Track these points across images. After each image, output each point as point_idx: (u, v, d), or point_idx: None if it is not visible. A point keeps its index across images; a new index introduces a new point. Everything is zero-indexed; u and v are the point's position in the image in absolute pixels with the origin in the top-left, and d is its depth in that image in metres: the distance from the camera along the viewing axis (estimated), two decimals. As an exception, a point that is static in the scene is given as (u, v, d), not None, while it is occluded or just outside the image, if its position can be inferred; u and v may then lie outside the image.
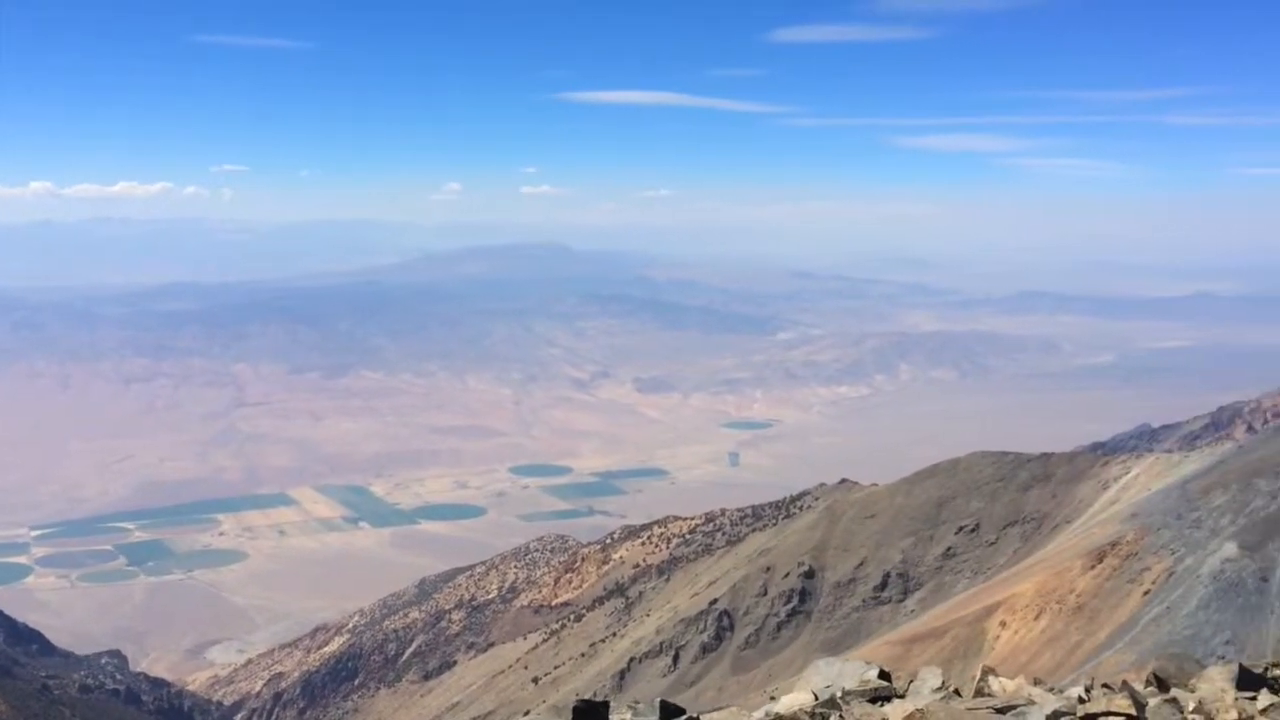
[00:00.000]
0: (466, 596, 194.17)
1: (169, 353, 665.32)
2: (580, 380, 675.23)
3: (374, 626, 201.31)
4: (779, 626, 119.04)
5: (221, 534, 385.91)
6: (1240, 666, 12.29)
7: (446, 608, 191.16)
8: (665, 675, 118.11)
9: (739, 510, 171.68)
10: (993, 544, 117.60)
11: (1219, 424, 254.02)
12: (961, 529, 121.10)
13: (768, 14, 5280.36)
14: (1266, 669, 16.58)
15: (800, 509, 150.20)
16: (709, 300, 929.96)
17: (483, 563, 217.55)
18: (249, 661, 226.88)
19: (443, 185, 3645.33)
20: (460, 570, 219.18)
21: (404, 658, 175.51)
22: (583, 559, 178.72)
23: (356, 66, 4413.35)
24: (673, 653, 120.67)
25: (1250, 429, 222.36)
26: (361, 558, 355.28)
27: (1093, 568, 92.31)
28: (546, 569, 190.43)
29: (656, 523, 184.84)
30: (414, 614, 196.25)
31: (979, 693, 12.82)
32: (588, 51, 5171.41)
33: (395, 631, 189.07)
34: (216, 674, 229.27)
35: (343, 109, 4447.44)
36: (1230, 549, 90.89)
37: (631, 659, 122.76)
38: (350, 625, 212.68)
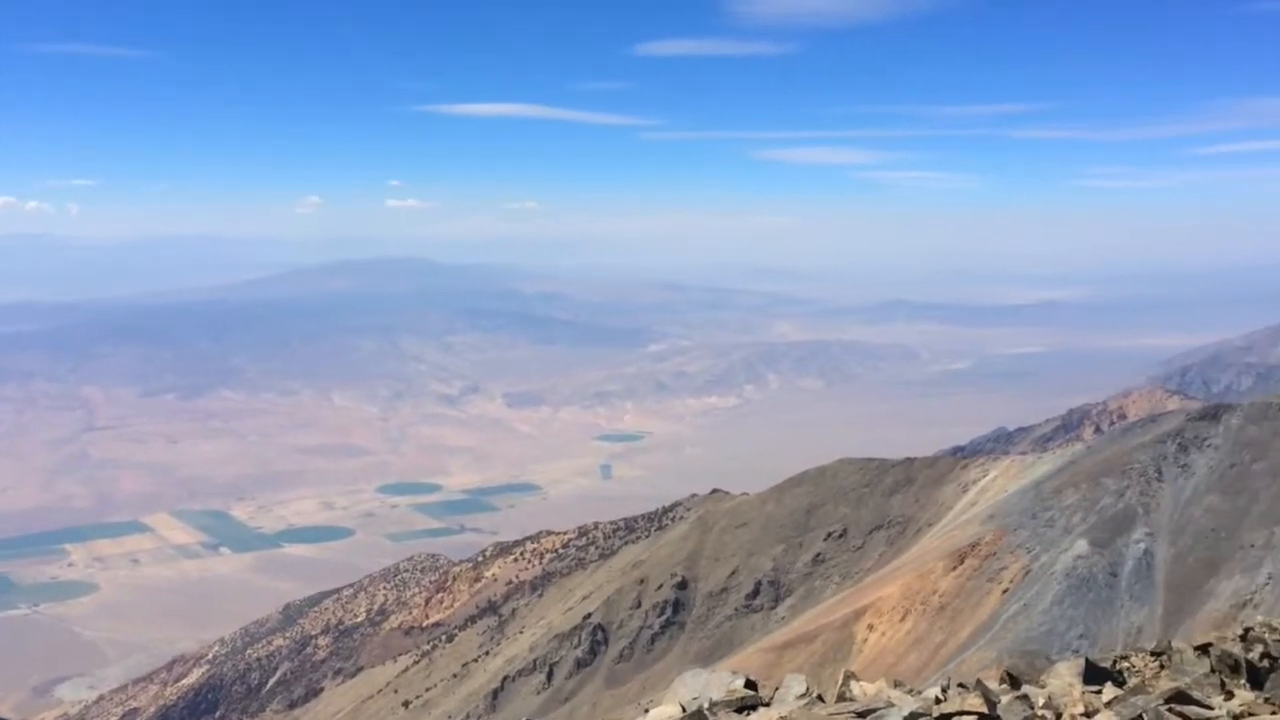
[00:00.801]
0: (333, 620, 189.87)
1: (10, 376, 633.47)
2: (449, 396, 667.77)
3: (235, 656, 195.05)
4: (653, 638, 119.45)
5: (70, 565, 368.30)
6: (1087, 661, 12.71)
7: (312, 633, 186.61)
8: (539, 693, 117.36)
9: (612, 523, 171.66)
10: (860, 549, 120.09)
11: (1069, 426, 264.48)
12: (830, 535, 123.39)
13: (631, 27, 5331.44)
14: (1115, 661, 17.22)
15: (672, 520, 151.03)
16: (578, 313, 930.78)
17: (350, 585, 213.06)
18: (100, 698, 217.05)
19: (303, 198, 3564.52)
20: (327, 594, 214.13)
21: (268, 687, 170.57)
22: (454, 578, 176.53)
23: (207, 76, 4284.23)
24: (547, 669, 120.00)
25: (1098, 430, 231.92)
26: (222, 585, 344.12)
27: (954, 569, 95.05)
28: (417, 589, 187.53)
29: (529, 538, 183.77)
30: (278, 641, 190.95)
31: (841, 698, 12.99)
32: (452, 64, 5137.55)
33: (258, 660, 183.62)
34: (66, 712, 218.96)
35: (194, 120, 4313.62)
36: (1082, 546, 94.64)
37: (505, 678, 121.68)
38: (210, 655, 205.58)
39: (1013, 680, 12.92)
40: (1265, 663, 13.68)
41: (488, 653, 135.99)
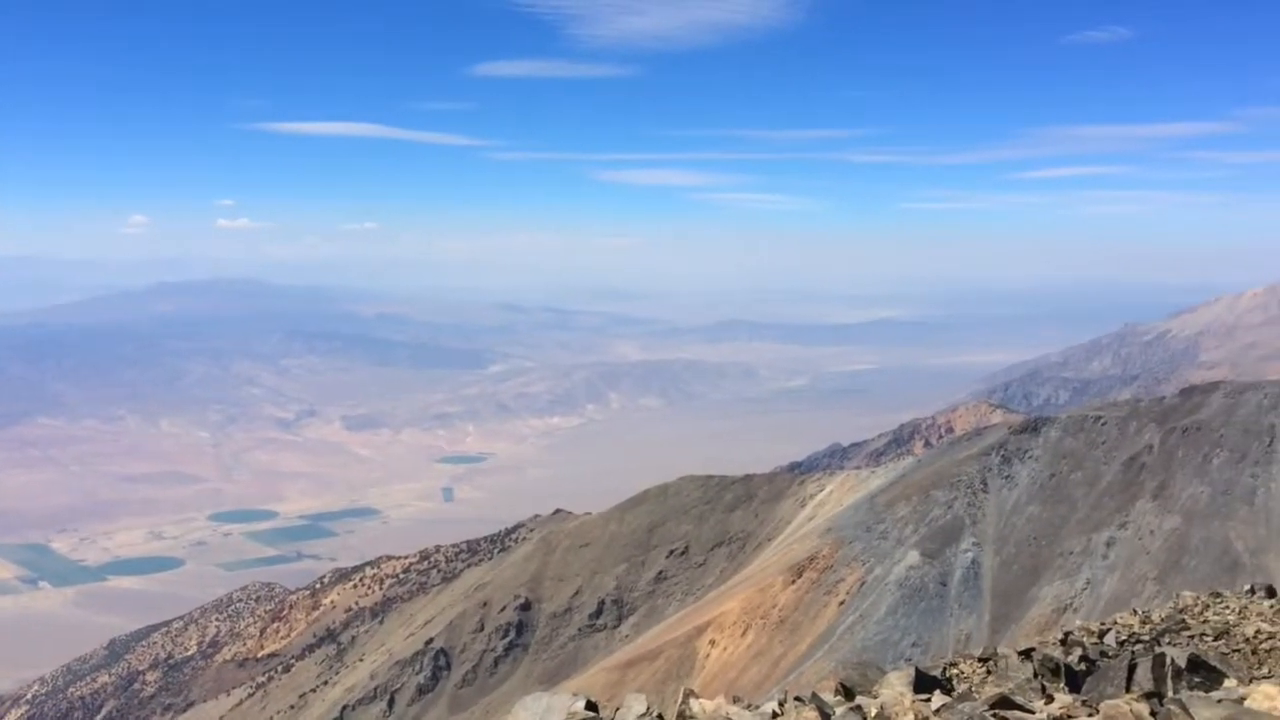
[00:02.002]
0: (162, 655, 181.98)
1: None
2: (285, 420, 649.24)
3: (57, 695, 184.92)
4: (496, 662, 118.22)
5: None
6: (916, 670, 13.02)
7: (140, 668, 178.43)
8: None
9: (454, 546, 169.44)
10: (702, 565, 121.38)
11: (901, 440, 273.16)
12: (672, 552, 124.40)
13: (472, 48, 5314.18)
14: (944, 669, 17.72)
15: (516, 541, 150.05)
16: (418, 335, 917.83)
17: (181, 617, 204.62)
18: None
19: (128, 218, 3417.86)
20: (155, 627, 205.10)
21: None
22: (291, 607, 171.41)
23: (22, 87, 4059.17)
24: (388, 697, 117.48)
25: (928, 444, 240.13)
26: (41, 621, 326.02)
27: (793, 582, 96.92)
28: (252, 619, 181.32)
29: (369, 564, 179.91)
30: (103, 678, 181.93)
31: (681, 716, 12.98)
32: (287, 81, 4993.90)
33: (81, 699, 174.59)
34: None
35: (8, 135, 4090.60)
36: (914, 556, 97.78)
37: (345, 707, 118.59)
38: (29, 695, 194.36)
39: (847, 691, 13.14)
40: (1083, 665, 14.27)
41: (326, 682, 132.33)
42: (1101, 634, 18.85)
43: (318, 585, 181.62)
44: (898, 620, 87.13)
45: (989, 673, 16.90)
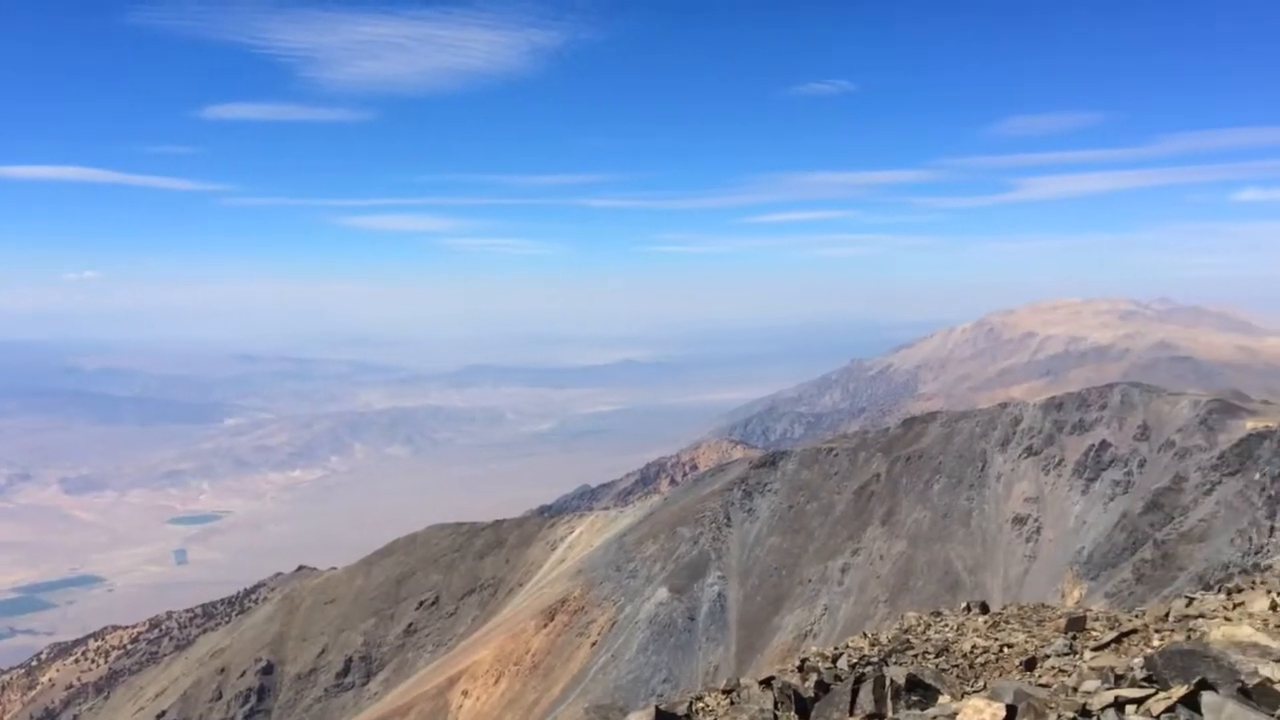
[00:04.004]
0: None
1: None
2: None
3: None
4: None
5: None
6: (657, 709, 13.19)
7: None
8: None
9: (188, 611, 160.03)
10: (453, 614, 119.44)
11: (647, 479, 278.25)
12: (422, 603, 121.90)
13: (199, 89, 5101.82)
14: (691, 703, 18.01)
15: (256, 602, 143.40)
16: (145, 389, 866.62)
17: None
18: None
19: None
20: None
21: None
22: (4, 687, 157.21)
23: None
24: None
25: (673, 482, 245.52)
26: None
27: (545, 626, 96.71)
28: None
29: (92, 636, 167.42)
30: None
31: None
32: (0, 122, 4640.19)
33: None
34: None
35: None
36: (662, 593, 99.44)
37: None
38: None
39: (593, 735, 13.18)
40: (814, 692, 14.82)
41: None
42: (835, 658, 19.64)
43: (34, 662, 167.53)
44: (649, 657, 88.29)
45: (732, 704, 17.27)
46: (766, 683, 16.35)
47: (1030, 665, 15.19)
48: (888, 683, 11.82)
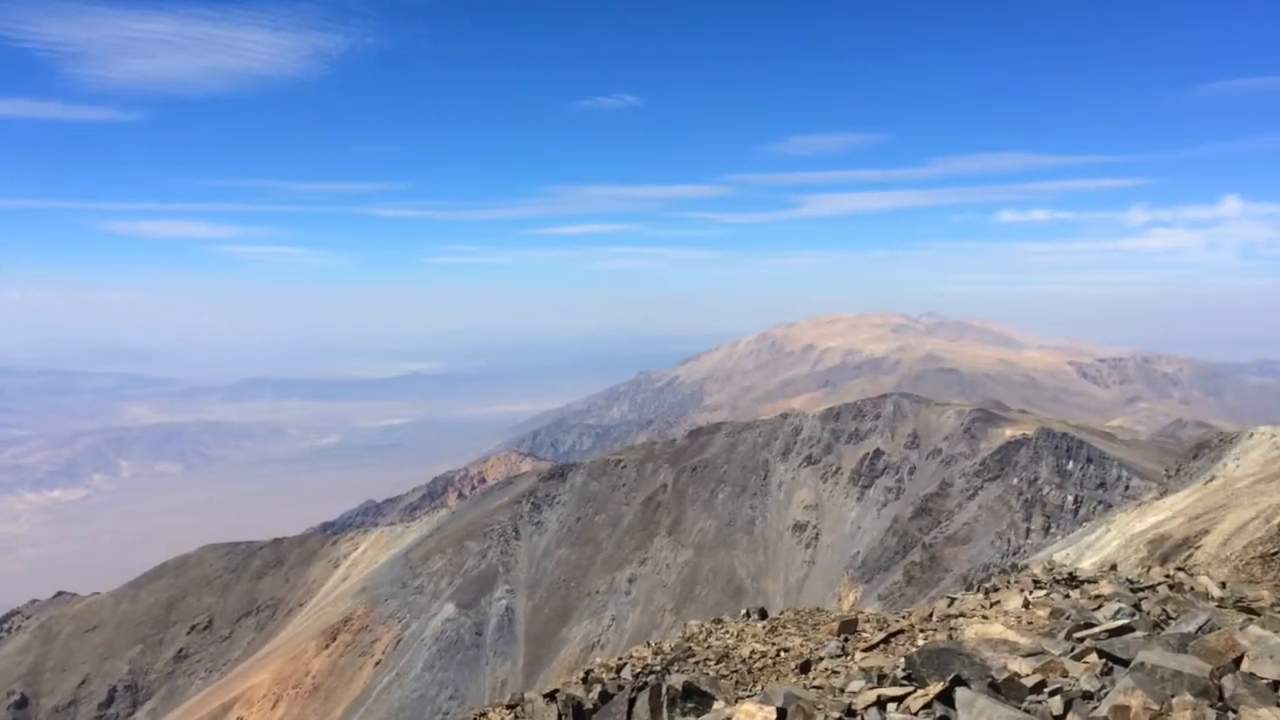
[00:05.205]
0: None
1: None
2: None
3: None
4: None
5: None
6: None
7: None
8: None
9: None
10: (227, 638, 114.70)
11: (434, 493, 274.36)
12: (194, 627, 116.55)
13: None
14: (477, 716, 17.81)
15: (9, 632, 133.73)
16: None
17: None
18: None
19: None
20: None
21: None
22: None
23: None
24: None
25: (461, 495, 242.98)
26: None
27: (327, 647, 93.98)
28: None
29: None
30: None
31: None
32: None
33: None
34: None
35: None
36: (449, 609, 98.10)
37: None
38: None
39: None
40: (598, 703, 14.90)
41: None
42: (619, 669, 19.77)
43: None
44: (435, 674, 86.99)
45: (516, 718, 17.18)
46: (551, 696, 16.32)
47: (805, 668, 15.71)
48: (664, 691, 12.00)
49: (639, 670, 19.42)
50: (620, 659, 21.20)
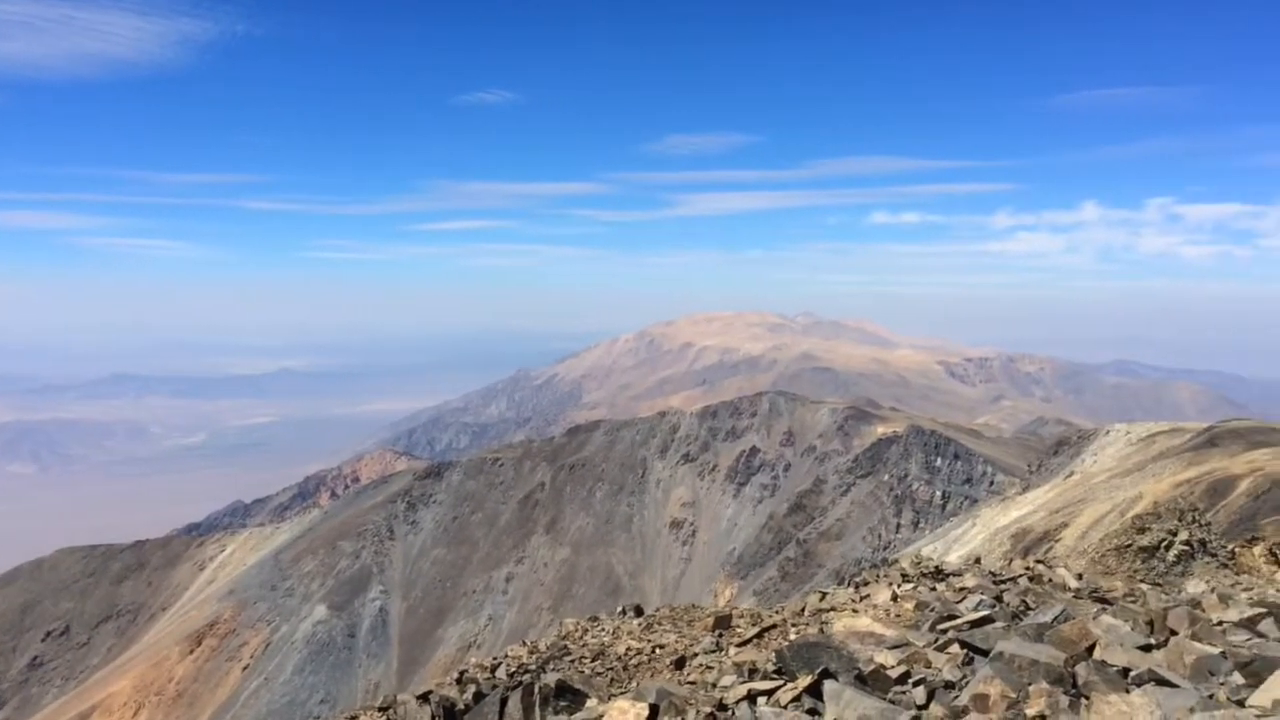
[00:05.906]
0: None
1: None
2: None
3: None
4: None
5: None
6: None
7: None
8: None
9: None
10: (85, 645, 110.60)
11: (306, 493, 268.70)
12: (50, 634, 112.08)
13: None
14: (348, 720, 17.51)
15: None
16: None
17: None
18: None
19: None
20: None
21: None
22: None
23: None
24: None
25: (334, 495, 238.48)
26: None
27: (191, 652, 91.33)
28: None
29: None
30: None
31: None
32: None
33: None
34: None
35: None
36: (321, 611, 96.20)
37: None
38: None
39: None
40: (472, 703, 14.78)
41: None
42: (494, 668, 19.66)
43: None
44: (305, 678, 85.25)
45: (388, 721, 16.94)
46: (424, 697, 16.15)
47: (680, 664, 15.84)
48: (537, 690, 11.98)
49: (514, 670, 19.34)
50: (495, 659, 21.09)
